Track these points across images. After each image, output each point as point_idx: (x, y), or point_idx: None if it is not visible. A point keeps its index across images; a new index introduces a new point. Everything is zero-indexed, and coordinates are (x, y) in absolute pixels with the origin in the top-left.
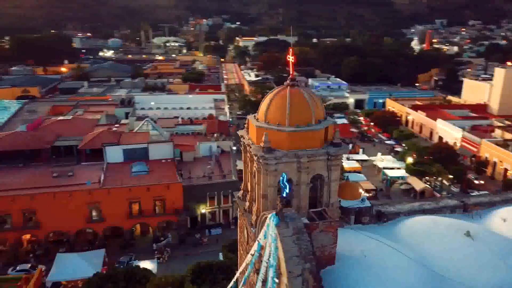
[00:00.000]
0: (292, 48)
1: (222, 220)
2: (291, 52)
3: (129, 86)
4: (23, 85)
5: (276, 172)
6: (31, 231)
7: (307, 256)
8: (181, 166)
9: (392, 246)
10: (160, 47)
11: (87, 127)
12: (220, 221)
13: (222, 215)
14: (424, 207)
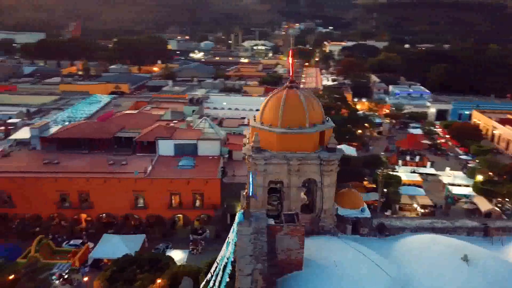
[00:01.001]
0: (292, 50)
1: None
2: (291, 54)
3: (209, 87)
4: (116, 82)
5: (266, 173)
6: (85, 211)
7: (261, 257)
8: (229, 164)
9: (373, 261)
10: (248, 50)
11: (148, 121)
12: None
13: None
14: (434, 225)
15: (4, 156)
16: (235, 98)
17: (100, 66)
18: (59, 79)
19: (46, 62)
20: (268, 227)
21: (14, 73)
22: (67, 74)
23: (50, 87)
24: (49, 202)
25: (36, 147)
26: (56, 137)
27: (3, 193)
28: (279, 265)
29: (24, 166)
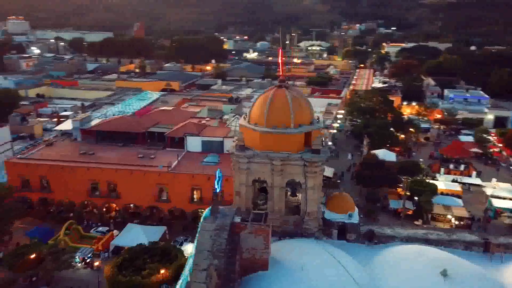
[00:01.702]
0: (281, 49)
1: None
2: (280, 54)
3: (256, 86)
4: (167, 80)
5: (249, 171)
6: (113, 200)
7: (218, 253)
8: None
9: (345, 267)
10: (302, 51)
11: (182, 118)
12: None
13: None
14: (428, 237)
15: (48, 145)
16: None
17: (155, 64)
18: (116, 76)
19: (108, 60)
20: (233, 224)
21: (78, 69)
22: (125, 71)
23: (108, 83)
24: (81, 190)
25: (77, 138)
26: (95, 129)
27: (43, 178)
28: (243, 264)
29: (63, 155)
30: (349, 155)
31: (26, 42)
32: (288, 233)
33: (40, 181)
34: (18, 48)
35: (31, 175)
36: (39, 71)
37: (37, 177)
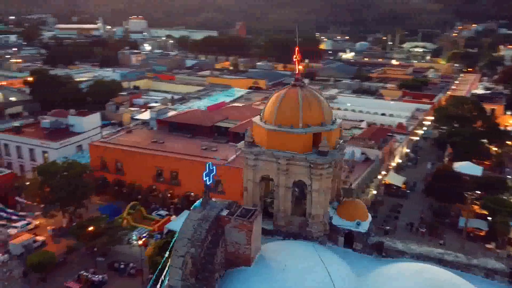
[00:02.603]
0: (298, 47)
1: None
2: (296, 52)
3: (343, 87)
4: (255, 78)
5: (256, 168)
6: (174, 187)
7: (196, 242)
8: None
9: (331, 275)
10: (403, 52)
11: (251, 114)
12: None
13: None
14: (444, 257)
15: (127, 132)
16: (363, 100)
17: (248, 62)
18: (209, 72)
19: (206, 57)
20: (218, 217)
21: (178, 65)
22: (220, 68)
23: (201, 79)
24: (148, 175)
25: (153, 128)
26: (168, 120)
27: (118, 161)
28: (228, 257)
29: (137, 141)
30: (429, 164)
31: (141, 39)
32: (293, 234)
33: (115, 164)
34: (133, 45)
35: (108, 157)
36: (145, 66)
37: (113, 160)
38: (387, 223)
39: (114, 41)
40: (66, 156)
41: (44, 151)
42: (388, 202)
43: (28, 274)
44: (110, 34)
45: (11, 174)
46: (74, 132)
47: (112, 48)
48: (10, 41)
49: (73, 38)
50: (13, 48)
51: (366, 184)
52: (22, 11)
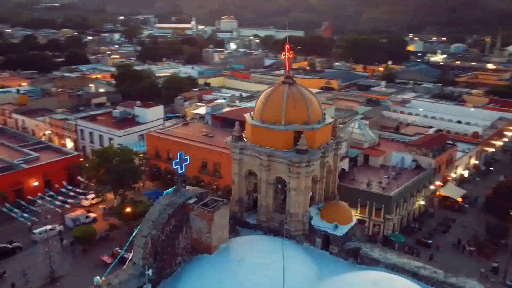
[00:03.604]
0: (288, 44)
1: (371, 233)
2: (287, 49)
3: (422, 91)
4: (329, 78)
5: (241, 162)
6: (216, 180)
7: (158, 225)
8: (360, 168)
9: (284, 273)
10: (504, 56)
11: None
12: (369, 233)
13: (372, 227)
14: (419, 271)
15: (184, 125)
16: (439, 105)
17: (326, 63)
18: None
19: None
20: (184, 204)
21: (256, 64)
22: (296, 68)
23: (275, 78)
24: (195, 166)
25: (208, 122)
26: (221, 116)
27: (169, 151)
28: (193, 243)
29: (189, 134)
30: (501, 177)
31: (228, 38)
32: (273, 231)
33: (167, 153)
34: (219, 43)
35: (161, 147)
36: (225, 64)
37: (165, 149)
38: (432, 237)
39: (203, 39)
40: (120, 143)
41: (110, 137)
42: (440, 215)
43: (73, 245)
44: (201, 33)
45: (78, 156)
46: (139, 122)
47: (199, 46)
48: (114, 39)
49: (167, 36)
50: (115, 45)
51: (411, 193)
52: (130, 12)
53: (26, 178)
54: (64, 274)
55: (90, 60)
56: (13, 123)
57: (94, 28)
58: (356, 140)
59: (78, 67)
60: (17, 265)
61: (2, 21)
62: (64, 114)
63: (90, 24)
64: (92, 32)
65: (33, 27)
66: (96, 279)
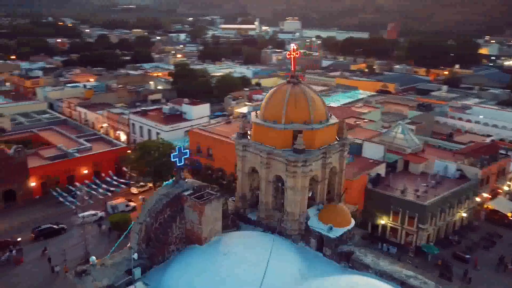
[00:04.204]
0: (296, 44)
1: (404, 242)
2: (292, 49)
3: (487, 97)
4: (386, 81)
5: (244, 159)
6: None
7: (152, 213)
8: (398, 174)
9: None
10: None
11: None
12: (401, 242)
13: (404, 236)
14: (408, 281)
15: (226, 123)
16: (503, 113)
17: (385, 65)
18: (339, 73)
19: (345, 58)
20: (179, 195)
21: (313, 65)
22: (355, 70)
23: (329, 80)
24: (231, 162)
25: (250, 120)
26: None
27: (209, 148)
28: (187, 233)
29: (229, 131)
30: None
31: (289, 39)
32: (271, 228)
33: (207, 150)
34: (280, 44)
35: (202, 143)
36: (282, 64)
37: (205, 146)
38: (471, 252)
39: (263, 40)
40: (162, 138)
41: (157, 132)
42: (485, 230)
43: (110, 231)
44: (263, 34)
45: (125, 148)
46: (186, 119)
47: (259, 47)
48: (180, 39)
49: (230, 37)
50: (180, 45)
51: (451, 204)
52: (199, 14)
53: (78, 166)
54: (97, 257)
55: (154, 59)
56: (77, 115)
57: (163, 29)
58: (398, 145)
59: (142, 65)
60: (60, 244)
61: (83, 22)
62: (121, 109)
63: (161, 24)
64: (161, 32)
65: (109, 27)
66: (92, 259)
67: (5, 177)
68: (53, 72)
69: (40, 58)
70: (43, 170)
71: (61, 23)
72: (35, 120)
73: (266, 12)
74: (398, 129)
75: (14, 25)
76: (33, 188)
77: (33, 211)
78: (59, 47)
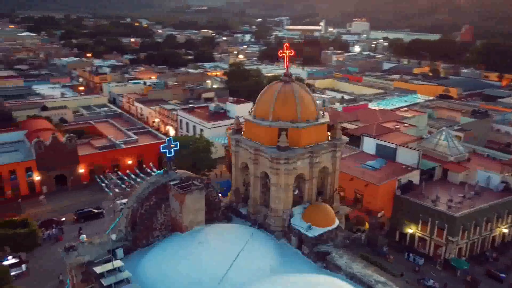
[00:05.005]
0: (288, 43)
1: (432, 253)
2: (285, 47)
3: None
4: (448, 86)
5: (237, 154)
6: None
7: (139, 200)
8: (438, 183)
9: (235, 261)
10: None
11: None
12: (429, 253)
13: (433, 248)
14: (376, 287)
15: None
16: None
17: (451, 69)
18: (399, 76)
19: (409, 61)
20: (164, 184)
21: (373, 67)
22: (416, 73)
23: (387, 83)
24: None
25: None
26: None
27: None
28: (172, 221)
29: None
30: None
31: (354, 41)
32: (258, 223)
33: None
34: (344, 46)
35: None
36: (341, 66)
37: None
38: (509, 271)
39: (326, 41)
40: (200, 134)
41: (201, 128)
42: None
43: None
44: (327, 35)
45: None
46: (229, 117)
47: (320, 48)
48: (245, 40)
49: (294, 38)
50: (244, 45)
51: (488, 217)
52: (268, 15)
53: (123, 156)
54: None
55: (215, 59)
56: (134, 110)
57: (230, 29)
58: (439, 152)
59: (203, 64)
60: (96, 228)
61: (157, 23)
62: (173, 105)
63: (228, 25)
64: (227, 33)
65: (180, 28)
66: (82, 237)
67: (58, 163)
68: (120, 69)
69: (112, 56)
70: (91, 158)
71: (137, 24)
72: (94, 112)
73: (335, 13)
74: (441, 136)
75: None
76: (81, 174)
77: (80, 195)
78: (131, 46)
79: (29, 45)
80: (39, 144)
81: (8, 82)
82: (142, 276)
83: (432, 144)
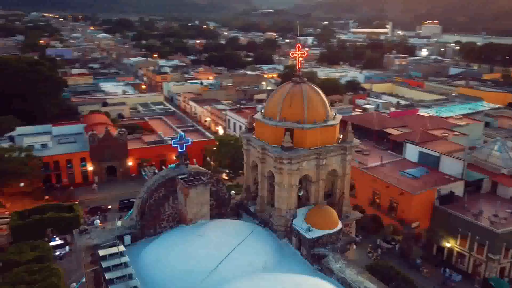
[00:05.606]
0: (300, 44)
1: (471, 271)
2: (298, 49)
3: None
4: None
5: (248, 153)
6: None
7: (148, 192)
8: (486, 196)
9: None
10: None
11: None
12: (468, 270)
13: (472, 264)
14: None
15: None
16: None
17: None
18: (464, 82)
19: (480, 66)
20: (172, 178)
21: (437, 72)
22: (486, 79)
23: (451, 88)
24: None
25: None
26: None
27: None
28: (180, 213)
29: None
30: None
31: (421, 44)
32: (264, 222)
33: None
34: (410, 49)
35: None
36: (403, 70)
37: None
38: None
39: (390, 45)
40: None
41: None
42: None
43: None
44: (393, 38)
45: (212, 140)
46: None
47: (383, 52)
48: (307, 42)
49: (358, 41)
50: (306, 48)
51: None
52: (334, 17)
53: (169, 152)
54: None
55: (274, 61)
56: (189, 109)
57: (294, 32)
58: (491, 163)
59: (261, 66)
60: None
61: (224, 25)
62: (225, 105)
63: (292, 28)
64: (290, 35)
65: (245, 30)
66: (96, 222)
67: (109, 155)
68: (181, 69)
69: (176, 56)
70: (140, 152)
71: (205, 26)
72: (149, 110)
73: (406, 15)
74: (494, 146)
75: (166, 28)
76: (130, 166)
77: (127, 186)
78: (196, 48)
79: (104, 46)
80: (93, 136)
81: (79, 79)
82: (140, 262)
83: (484, 154)
